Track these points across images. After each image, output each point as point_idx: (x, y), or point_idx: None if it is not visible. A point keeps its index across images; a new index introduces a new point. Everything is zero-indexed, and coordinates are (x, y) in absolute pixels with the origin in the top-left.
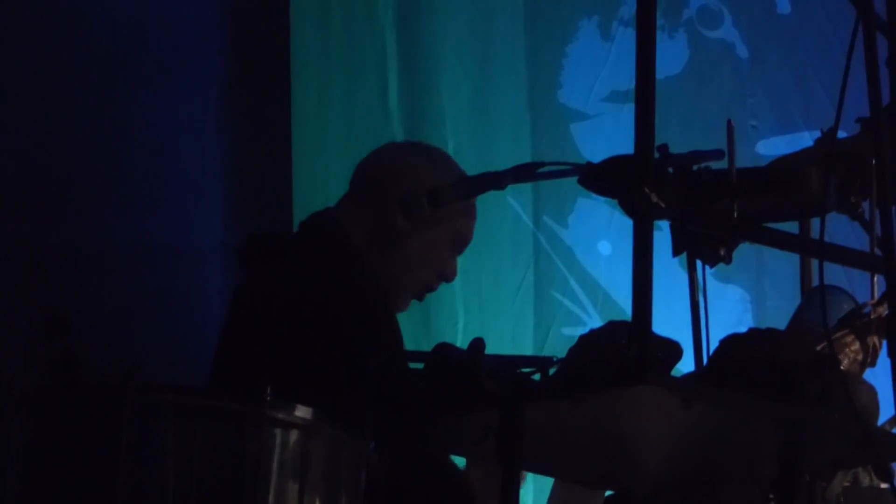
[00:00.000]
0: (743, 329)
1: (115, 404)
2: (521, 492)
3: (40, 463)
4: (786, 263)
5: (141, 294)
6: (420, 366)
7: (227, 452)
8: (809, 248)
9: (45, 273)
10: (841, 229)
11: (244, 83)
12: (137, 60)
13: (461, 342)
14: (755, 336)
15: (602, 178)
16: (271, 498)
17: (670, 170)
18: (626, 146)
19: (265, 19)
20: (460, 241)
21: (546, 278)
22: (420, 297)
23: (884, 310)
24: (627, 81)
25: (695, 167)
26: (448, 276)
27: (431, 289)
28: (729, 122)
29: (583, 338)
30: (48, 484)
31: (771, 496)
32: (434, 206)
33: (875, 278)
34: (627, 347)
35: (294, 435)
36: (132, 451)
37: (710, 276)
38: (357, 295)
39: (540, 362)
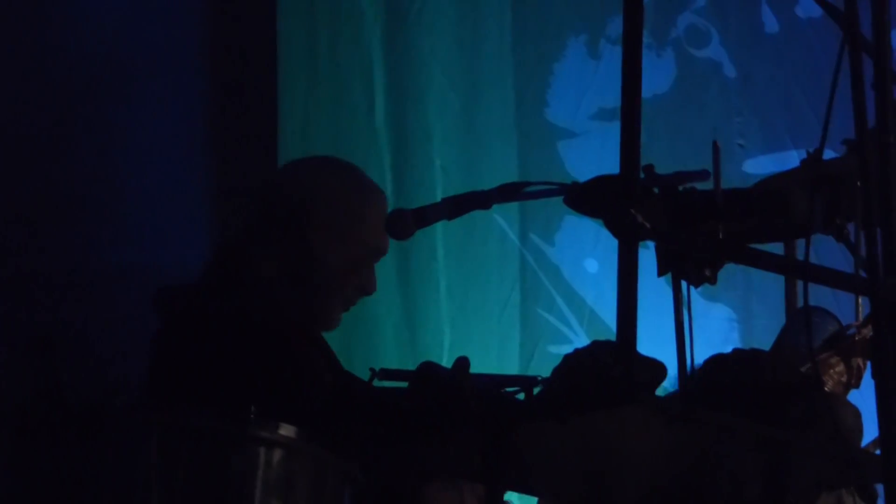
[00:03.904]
0: (729, 348)
1: (101, 424)
2: None
3: (26, 481)
4: (773, 283)
5: (127, 314)
6: (405, 384)
7: (212, 471)
8: (794, 269)
9: (30, 294)
10: (827, 250)
11: (230, 100)
12: (122, 81)
13: (447, 360)
14: (739, 357)
15: (587, 198)
16: None
17: (656, 190)
18: (613, 164)
19: (252, 37)
20: (377, 254)
21: (532, 296)
22: (345, 310)
23: (868, 331)
24: (615, 99)
25: (680, 187)
26: (368, 289)
27: (352, 303)
28: (714, 143)
29: (567, 357)
30: (34, 501)
31: None
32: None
33: (860, 300)
34: (612, 368)
35: (278, 454)
36: (117, 470)
37: (696, 295)
38: (262, 332)
39: (524, 382)
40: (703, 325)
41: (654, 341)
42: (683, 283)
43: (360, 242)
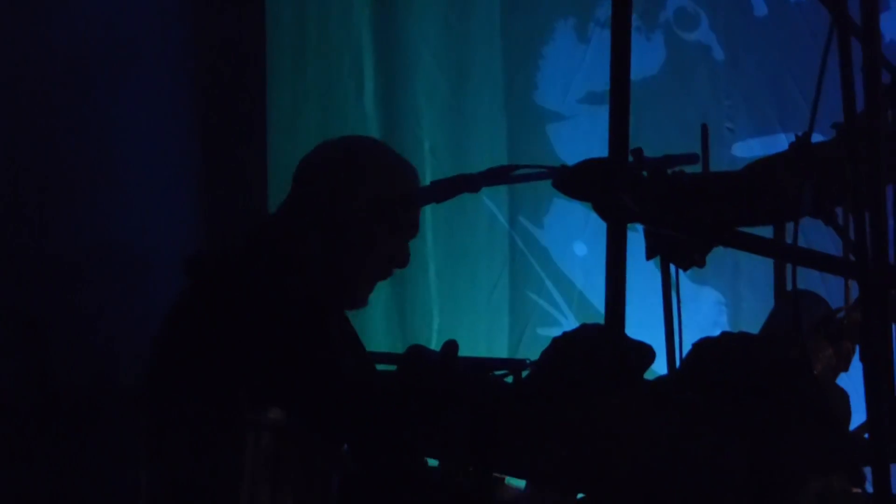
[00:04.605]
0: (717, 332)
1: (88, 410)
2: None
3: (13, 468)
4: (761, 266)
5: (112, 300)
6: (393, 367)
7: (200, 455)
8: (783, 253)
9: (15, 280)
10: (817, 233)
11: (219, 84)
12: (110, 66)
13: (436, 343)
14: (728, 340)
15: (576, 182)
16: (243, 500)
17: (644, 173)
18: (602, 147)
19: (241, 21)
20: (410, 230)
21: (521, 279)
22: (374, 286)
23: (857, 315)
24: (604, 83)
25: (669, 171)
26: (401, 263)
27: (386, 277)
28: (703, 126)
29: (556, 340)
30: (21, 488)
31: None
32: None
33: (849, 283)
34: (601, 351)
35: (266, 438)
36: (105, 456)
37: (685, 279)
38: (290, 314)
39: (513, 365)
40: (692, 309)
41: (643, 324)
42: (672, 267)
43: (398, 218)
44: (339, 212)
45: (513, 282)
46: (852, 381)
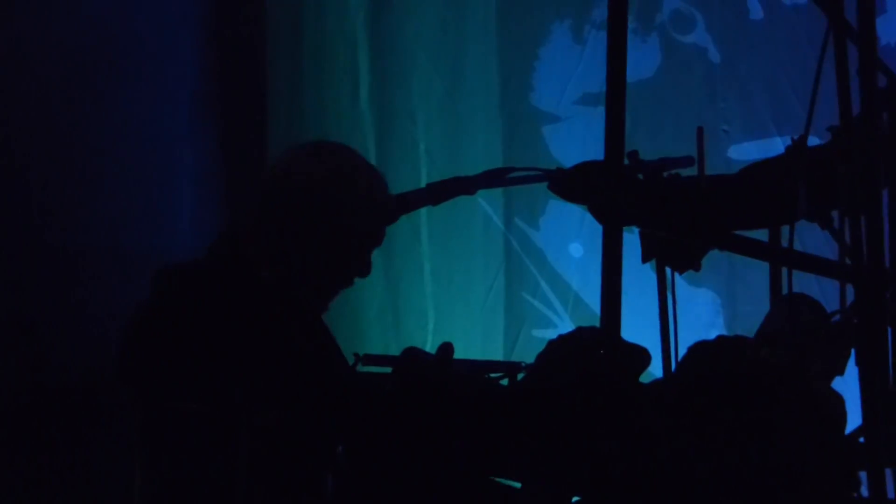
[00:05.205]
0: (713, 334)
1: (87, 410)
2: None
3: (9, 467)
4: (757, 267)
5: (110, 300)
6: (388, 370)
7: (193, 454)
8: (779, 256)
9: (14, 277)
10: (814, 237)
11: (219, 85)
12: (114, 64)
13: (431, 344)
14: (723, 344)
15: (572, 184)
16: (239, 498)
17: (640, 176)
18: (597, 149)
19: (241, 22)
20: (376, 240)
21: (517, 280)
22: (336, 294)
23: (853, 318)
24: (599, 84)
25: (665, 174)
26: (364, 273)
27: (348, 286)
28: (699, 129)
29: (551, 343)
30: (17, 487)
31: None
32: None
33: (845, 287)
34: (596, 354)
35: (259, 438)
36: (101, 455)
37: (680, 280)
38: (276, 317)
39: (508, 368)
40: (688, 310)
41: (639, 327)
42: (668, 269)
43: (366, 224)
44: (306, 221)
45: (508, 283)
46: (847, 384)
